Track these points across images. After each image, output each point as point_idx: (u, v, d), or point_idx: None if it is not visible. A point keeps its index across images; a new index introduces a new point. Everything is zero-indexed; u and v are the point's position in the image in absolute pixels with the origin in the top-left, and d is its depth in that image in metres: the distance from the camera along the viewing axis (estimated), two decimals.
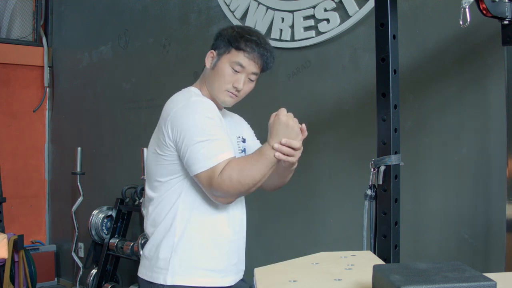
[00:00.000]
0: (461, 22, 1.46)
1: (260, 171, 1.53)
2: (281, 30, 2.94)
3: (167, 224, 1.68)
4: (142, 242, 3.38)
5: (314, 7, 2.78)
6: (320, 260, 1.27)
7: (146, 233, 1.77)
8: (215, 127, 1.61)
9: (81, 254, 4.41)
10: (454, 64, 2.33)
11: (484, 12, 1.47)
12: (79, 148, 4.04)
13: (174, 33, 3.65)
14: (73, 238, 4.11)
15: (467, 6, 1.45)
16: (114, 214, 3.80)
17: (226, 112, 1.85)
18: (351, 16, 2.65)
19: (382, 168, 1.72)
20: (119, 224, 3.81)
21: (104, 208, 3.89)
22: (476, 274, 0.89)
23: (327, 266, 1.20)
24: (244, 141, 1.86)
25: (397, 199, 1.75)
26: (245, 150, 1.84)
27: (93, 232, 3.82)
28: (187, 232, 1.67)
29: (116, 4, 4.17)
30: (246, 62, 1.67)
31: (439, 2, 2.36)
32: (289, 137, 1.50)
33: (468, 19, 1.45)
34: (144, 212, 1.85)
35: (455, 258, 2.15)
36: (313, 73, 2.84)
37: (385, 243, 1.73)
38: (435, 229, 2.38)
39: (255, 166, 1.53)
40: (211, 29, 3.36)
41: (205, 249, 1.68)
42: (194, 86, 1.79)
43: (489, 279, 0.86)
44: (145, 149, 3.33)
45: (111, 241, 3.75)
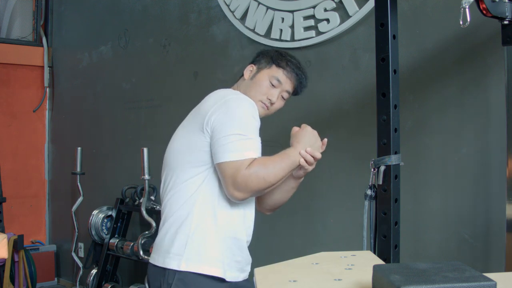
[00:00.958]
0: (461, 22, 1.46)
1: (283, 171, 1.63)
2: (281, 30, 2.94)
3: (185, 212, 1.70)
4: (142, 242, 3.38)
5: (314, 7, 2.78)
6: (320, 260, 1.27)
7: (162, 218, 1.78)
8: (255, 128, 1.68)
9: (81, 254, 4.41)
10: (454, 64, 2.33)
11: (484, 12, 1.47)
12: (79, 148, 4.04)
13: (174, 33, 3.65)
14: (73, 238, 4.11)
15: (467, 6, 1.45)
16: (114, 214, 3.80)
17: None
18: (351, 16, 2.65)
19: (382, 168, 1.72)
20: (119, 224, 3.82)
21: (104, 208, 3.89)
22: (476, 274, 0.89)
23: (327, 266, 1.20)
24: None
25: (397, 199, 1.75)
26: None
27: (93, 232, 3.82)
28: (203, 223, 1.69)
29: (116, 4, 4.17)
30: (284, 79, 1.82)
31: (439, 2, 2.36)
32: (313, 147, 1.67)
33: (468, 19, 1.45)
34: (160, 199, 1.85)
35: (455, 258, 2.15)
36: (313, 73, 2.84)
37: (385, 243, 1.74)
38: (435, 229, 2.38)
39: (279, 165, 1.62)
40: (211, 29, 3.37)
41: (216, 241, 1.70)
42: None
43: (489, 279, 0.86)
44: (145, 149, 3.33)
45: (111, 241, 3.76)
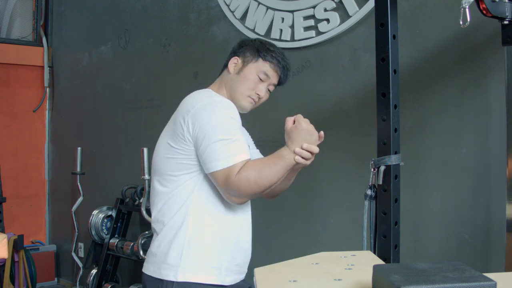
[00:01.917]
0: (461, 22, 1.46)
1: (278, 173, 1.59)
2: (281, 30, 2.94)
3: (179, 221, 1.68)
4: (142, 242, 3.38)
5: (314, 7, 2.78)
6: (320, 260, 1.27)
7: (153, 228, 1.76)
8: (237, 128, 1.66)
9: (81, 254, 4.41)
10: (454, 64, 2.33)
11: (484, 12, 1.47)
12: (79, 148, 4.04)
13: (174, 33, 3.65)
14: (73, 238, 4.11)
15: (467, 6, 1.45)
16: (114, 214, 3.80)
17: None
18: (351, 16, 2.65)
19: (382, 168, 1.72)
20: (119, 224, 3.81)
21: (104, 208, 3.89)
22: (476, 274, 0.89)
23: (327, 266, 1.20)
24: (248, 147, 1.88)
25: (397, 199, 1.75)
26: None
27: (93, 232, 3.82)
28: (199, 230, 1.68)
29: (116, 4, 4.17)
30: (271, 72, 1.79)
31: (439, 2, 2.36)
32: (309, 142, 1.60)
33: (468, 19, 1.45)
34: (150, 207, 1.83)
35: (455, 258, 2.15)
36: (313, 73, 2.84)
37: (385, 243, 1.74)
38: (435, 229, 2.38)
39: (273, 168, 1.58)
40: (211, 29, 3.37)
41: (212, 247, 1.69)
42: (210, 88, 1.83)
43: (489, 279, 0.86)
44: (145, 149, 3.34)
45: (111, 241, 3.75)
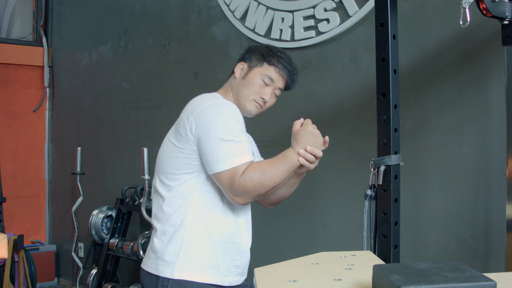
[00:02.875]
0: (461, 22, 1.46)
1: (282, 174, 1.61)
2: (281, 30, 2.94)
3: (178, 219, 1.69)
4: (142, 242, 3.39)
5: (314, 7, 2.78)
6: (320, 260, 1.27)
7: (153, 225, 1.78)
8: (240, 130, 1.67)
9: (81, 254, 4.41)
10: (454, 64, 2.33)
11: (484, 12, 1.47)
12: (79, 148, 4.04)
13: (174, 33, 3.65)
14: (73, 238, 4.11)
15: (467, 6, 1.45)
16: (114, 214, 3.80)
17: None
18: (351, 16, 2.65)
19: (382, 168, 1.72)
20: (119, 224, 3.81)
21: (104, 208, 3.89)
22: (476, 274, 0.89)
23: (327, 266, 1.20)
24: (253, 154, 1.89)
25: (397, 199, 1.75)
26: None
27: (93, 232, 3.82)
28: (198, 229, 1.68)
29: (116, 4, 4.17)
30: (276, 77, 1.79)
31: (439, 2, 2.36)
32: (314, 145, 1.63)
33: (468, 19, 1.45)
34: (152, 204, 1.84)
35: (455, 258, 2.15)
36: (313, 73, 2.84)
37: (385, 243, 1.74)
38: (435, 229, 2.38)
39: (277, 169, 1.60)
40: (211, 29, 3.37)
41: (211, 247, 1.70)
42: (217, 92, 1.84)
43: (489, 279, 0.86)
44: (145, 149, 3.34)
45: (111, 241, 3.76)
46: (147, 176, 3.34)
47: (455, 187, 2.32)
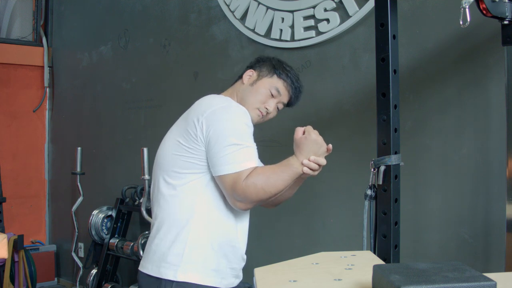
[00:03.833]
0: (461, 22, 1.46)
1: (284, 182, 1.61)
2: (281, 30, 2.94)
3: (183, 220, 1.67)
4: (142, 242, 3.39)
5: (314, 7, 2.78)
6: (320, 260, 1.27)
7: (153, 225, 1.75)
8: (250, 135, 1.67)
9: (81, 254, 4.41)
10: (454, 64, 2.33)
11: (484, 12, 1.47)
12: (79, 148, 4.04)
13: (174, 33, 3.65)
14: (73, 238, 4.11)
15: (467, 6, 1.45)
16: (114, 214, 3.80)
17: None
18: (351, 16, 2.65)
19: (382, 168, 1.72)
20: (119, 224, 3.82)
21: (104, 208, 3.89)
22: (476, 274, 0.89)
23: (327, 266, 1.20)
24: None
25: (397, 199, 1.75)
26: None
27: (93, 232, 3.82)
28: (202, 231, 1.67)
29: (116, 4, 4.17)
30: (283, 90, 1.83)
31: (439, 2, 2.36)
32: (317, 154, 1.63)
33: (468, 19, 1.45)
34: (151, 204, 1.82)
35: (455, 258, 2.15)
36: (313, 73, 2.84)
37: (385, 243, 1.74)
38: (435, 229, 2.38)
39: (280, 177, 1.60)
40: (211, 29, 3.37)
41: (213, 250, 1.69)
42: (223, 95, 1.85)
43: (489, 279, 0.86)
44: (145, 149, 3.33)
45: (111, 241, 3.76)
46: (147, 176, 3.33)
47: (455, 187, 2.32)
